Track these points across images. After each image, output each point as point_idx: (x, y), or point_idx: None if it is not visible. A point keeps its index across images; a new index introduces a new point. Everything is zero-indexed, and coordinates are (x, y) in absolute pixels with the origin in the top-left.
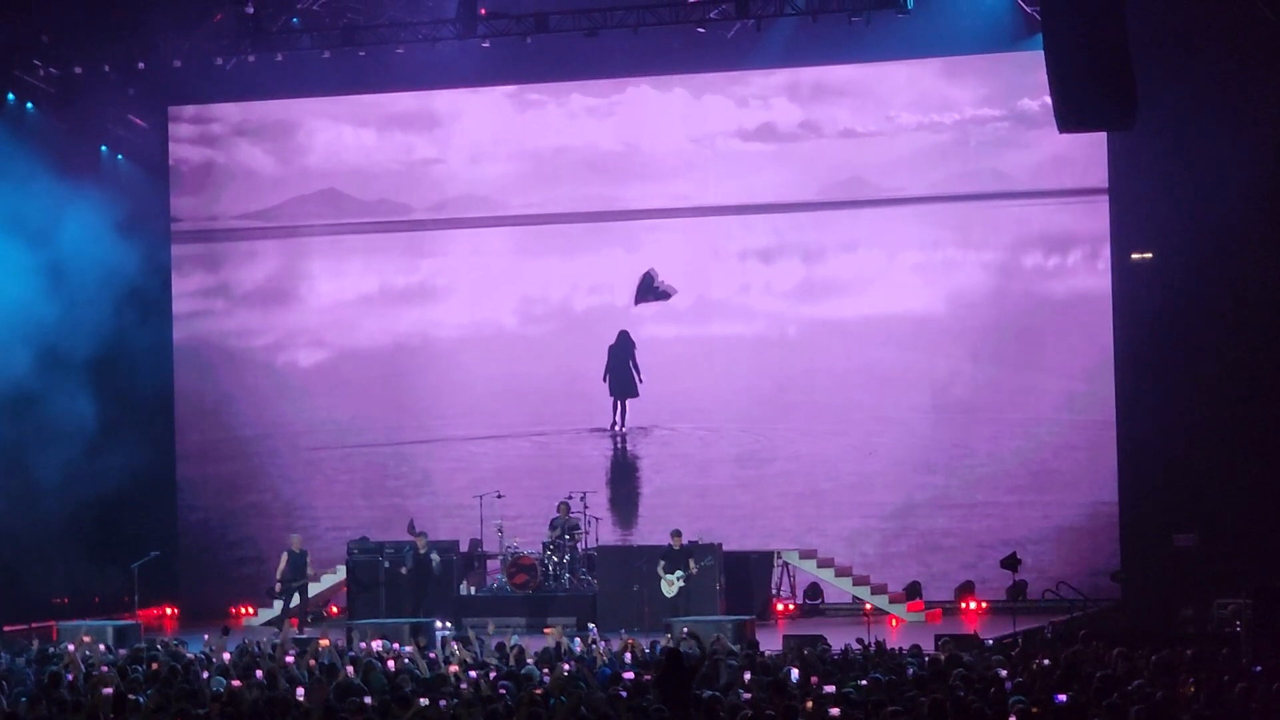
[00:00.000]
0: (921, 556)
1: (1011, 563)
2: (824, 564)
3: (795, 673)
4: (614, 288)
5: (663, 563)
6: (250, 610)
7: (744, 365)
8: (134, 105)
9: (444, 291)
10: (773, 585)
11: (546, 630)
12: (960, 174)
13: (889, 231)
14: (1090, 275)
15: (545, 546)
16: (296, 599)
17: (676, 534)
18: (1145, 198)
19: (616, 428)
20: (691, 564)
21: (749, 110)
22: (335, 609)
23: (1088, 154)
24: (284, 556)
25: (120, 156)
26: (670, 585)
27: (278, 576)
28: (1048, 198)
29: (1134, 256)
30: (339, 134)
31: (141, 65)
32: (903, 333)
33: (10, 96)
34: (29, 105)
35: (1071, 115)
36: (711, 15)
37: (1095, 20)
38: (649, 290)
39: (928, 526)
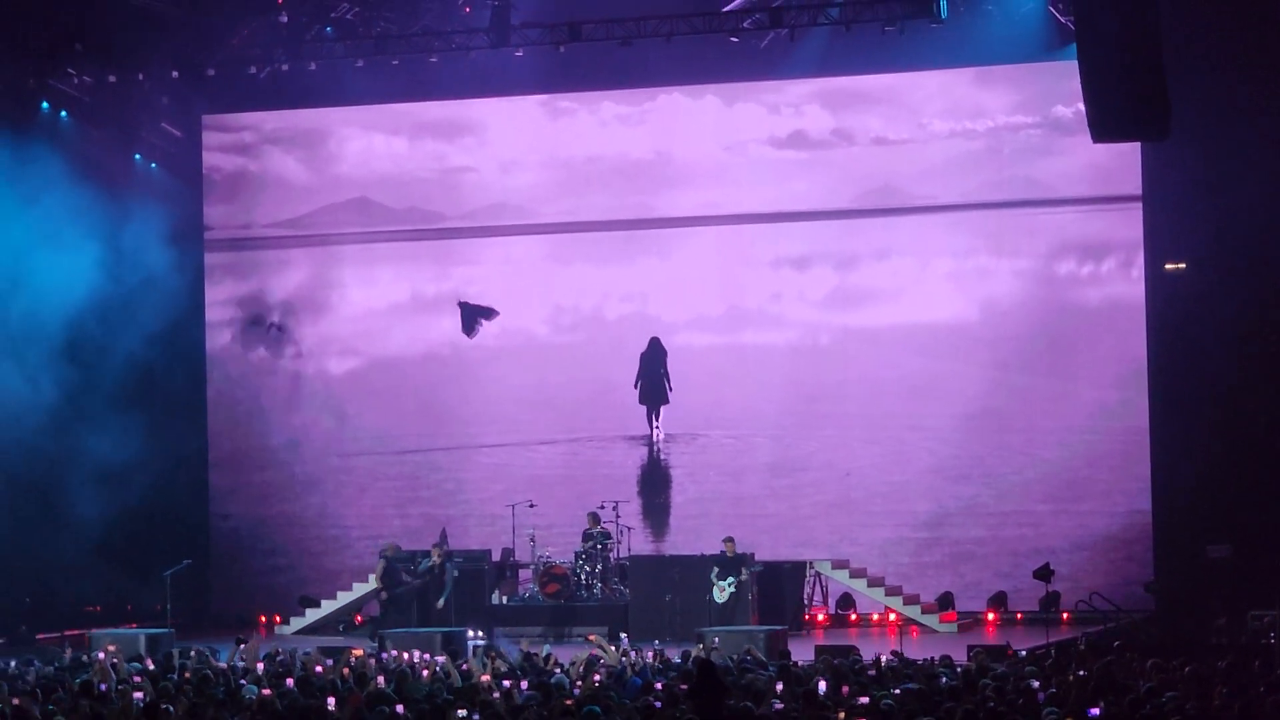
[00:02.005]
0: (955, 566)
1: (1044, 574)
2: (856, 574)
3: (823, 684)
4: (646, 296)
5: (716, 569)
6: (278, 619)
7: (776, 374)
8: (168, 114)
9: (475, 300)
10: (805, 595)
11: (590, 637)
12: (993, 181)
13: (921, 239)
14: (1124, 283)
15: (577, 556)
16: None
17: (729, 541)
18: (1179, 205)
19: (656, 435)
20: (744, 571)
21: (781, 118)
22: (360, 618)
23: (1121, 161)
24: (381, 564)
25: (154, 165)
26: (722, 592)
27: (380, 584)
28: (1081, 205)
29: (1168, 267)
30: (370, 142)
31: (175, 74)
32: (935, 341)
33: (44, 105)
34: (63, 113)
35: (1106, 126)
36: (745, 25)
37: (1129, 30)
38: (470, 318)
39: (961, 535)
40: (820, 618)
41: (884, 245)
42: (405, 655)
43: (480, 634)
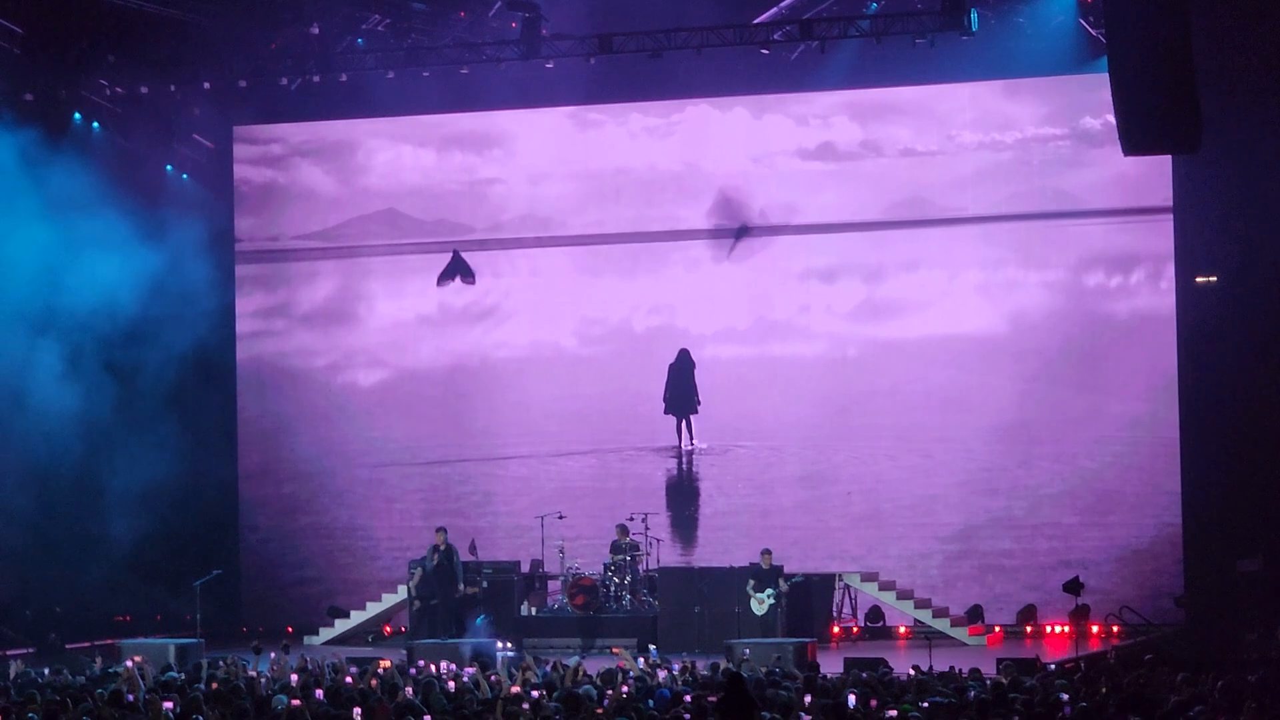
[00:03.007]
0: (984, 579)
1: (1074, 587)
2: (885, 587)
3: (852, 697)
4: (674, 308)
5: (753, 581)
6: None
7: (805, 386)
8: (199, 125)
9: (503, 312)
10: (834, 608)
11: (615, 650)
12: (1022, 193)
13: (950, 251)
14: (1153, 295)
15: (606, 568)
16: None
17: (766, 553)
18: (1210, 218)
19: (689, 445)
20: (782, 583)
21: (809, 130)
22: (389, 629)
23: (1151, 173)
24: (416, 572)
25: (185, 176)
26: (760, 604)
27: (412, 593)
28: (1110, 217)
29: (1198, 280)
30: (399, 154)
31: (207, 85)
32: (964, 353)
33: (77, 116)
34: (95, 125)
35: (1136, 138)
36: (775, 37)
37: (1160, 43)
38: (453, 270)
39: (990, 548)
40: (854, 630)
41: (912, 257)
42: (432, 666)
43: (509, 645)
